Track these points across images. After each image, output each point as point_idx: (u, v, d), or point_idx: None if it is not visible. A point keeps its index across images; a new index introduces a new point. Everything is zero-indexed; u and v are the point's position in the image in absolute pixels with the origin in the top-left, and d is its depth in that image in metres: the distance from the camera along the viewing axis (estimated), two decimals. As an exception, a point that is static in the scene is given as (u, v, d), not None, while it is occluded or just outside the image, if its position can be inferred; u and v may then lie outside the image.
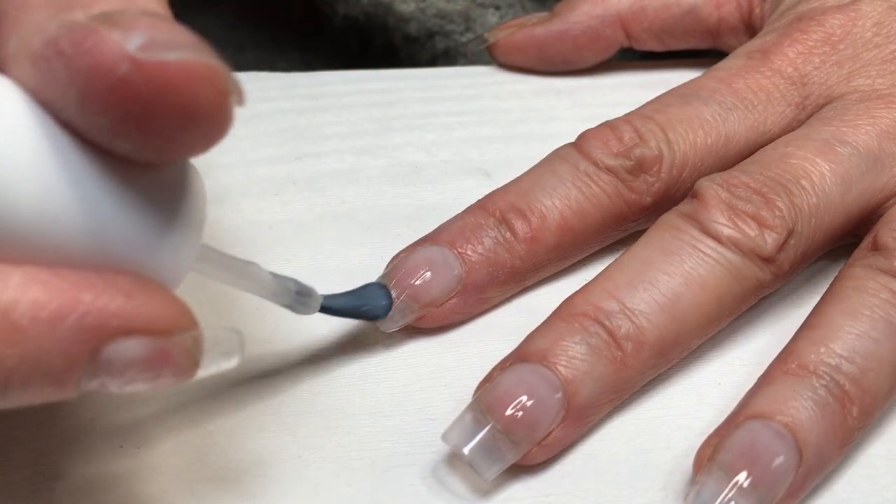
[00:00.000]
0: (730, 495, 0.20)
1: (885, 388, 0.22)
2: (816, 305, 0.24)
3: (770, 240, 0.23)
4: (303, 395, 0.23)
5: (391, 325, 0.24)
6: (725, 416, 0.23)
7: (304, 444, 0.22)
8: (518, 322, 0.24)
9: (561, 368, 0.22)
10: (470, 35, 0.41)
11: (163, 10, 0.16)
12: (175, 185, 0.16)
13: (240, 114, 0.16)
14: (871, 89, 0.27)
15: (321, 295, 0.22)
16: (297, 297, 0.21)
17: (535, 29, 0.36)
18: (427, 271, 0.24)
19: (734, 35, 0.34)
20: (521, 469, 0.22)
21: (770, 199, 0.24)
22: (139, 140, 0.15)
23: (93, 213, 0.15)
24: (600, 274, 0.24)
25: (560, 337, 0.22)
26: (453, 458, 0.22)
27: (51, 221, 0.15)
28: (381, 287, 0.24)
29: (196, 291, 0.20)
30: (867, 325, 0.22)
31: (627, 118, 0.27)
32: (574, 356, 0.22)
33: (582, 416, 0.22)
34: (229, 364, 0.18)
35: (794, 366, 0.22)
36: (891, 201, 0.26)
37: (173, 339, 0.16)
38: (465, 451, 0.21)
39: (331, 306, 0.22)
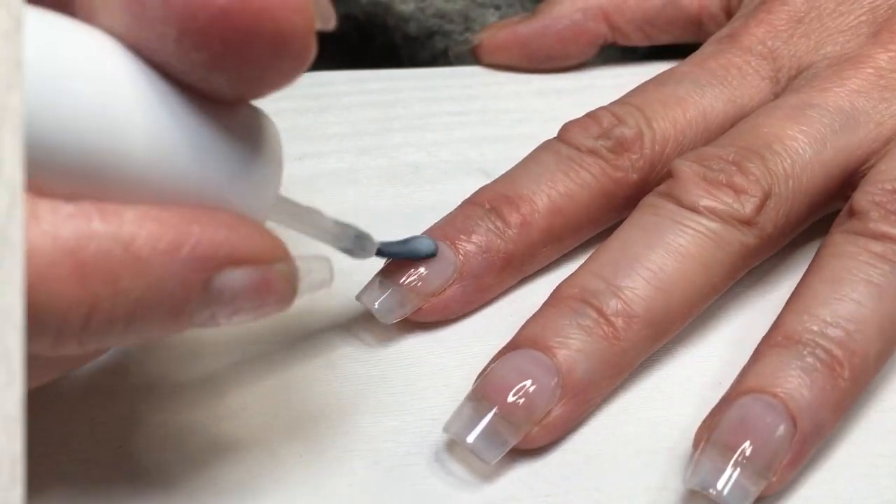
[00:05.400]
0: (727, 470, 0.20)
1: (875, 348, 0.22)
2: (801, 279, 0.24)
3: (747, 203, 0.24)
4: (303, 396, 0.23)
5: (390, 316, 0.24)
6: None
7: (304, 444, 0.22)
8: (518, 322, 0.24)
9: (554, 349, 0.22)
10: (469, 35, 0.41)
11: None
12: (256, 127, 0.17)
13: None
14: (840, 54, 0.28)
15: (377, 241, 0.23)
16: (357, 241, 0.22)
17: (518, 27, 0.36)
18: (422, 266, 0.25)
19: (716, 24, 0.34)
20: (522, 469, 0.22)
21: (743, 165, 0.24)
22: (236, 71, 0.15)
23: (192, 152, 0.16)
24: (586, 259, 0.24)
25: (550, 321, 0.23)
26: (453, 458, 0.22)
27: (157, 162, 0.16)
28: (426, 237, 0.25)
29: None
30: (848, 289, 0.22)
31: (606, 106, 0.28)
32: (565, 336, 0.22)
33: (580, 394, 0.22)
34: (320, 291, 0.19)
35: (780, 338, 0.22)
36: (872, 160, 0.26)
37: (273, 269, 0.17)
38: (469, 440, 0.21)
39: (386, 250, 0.24)
